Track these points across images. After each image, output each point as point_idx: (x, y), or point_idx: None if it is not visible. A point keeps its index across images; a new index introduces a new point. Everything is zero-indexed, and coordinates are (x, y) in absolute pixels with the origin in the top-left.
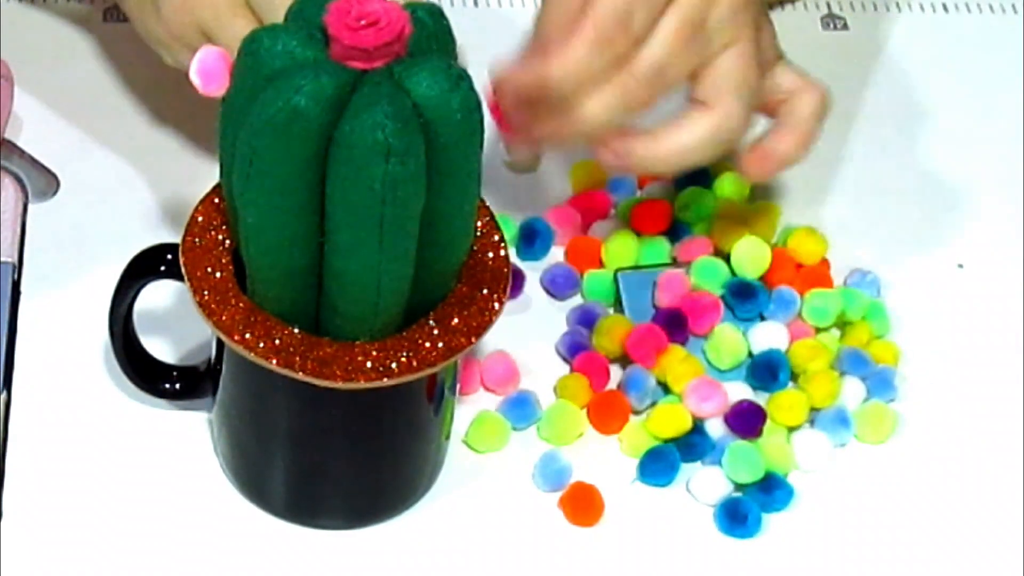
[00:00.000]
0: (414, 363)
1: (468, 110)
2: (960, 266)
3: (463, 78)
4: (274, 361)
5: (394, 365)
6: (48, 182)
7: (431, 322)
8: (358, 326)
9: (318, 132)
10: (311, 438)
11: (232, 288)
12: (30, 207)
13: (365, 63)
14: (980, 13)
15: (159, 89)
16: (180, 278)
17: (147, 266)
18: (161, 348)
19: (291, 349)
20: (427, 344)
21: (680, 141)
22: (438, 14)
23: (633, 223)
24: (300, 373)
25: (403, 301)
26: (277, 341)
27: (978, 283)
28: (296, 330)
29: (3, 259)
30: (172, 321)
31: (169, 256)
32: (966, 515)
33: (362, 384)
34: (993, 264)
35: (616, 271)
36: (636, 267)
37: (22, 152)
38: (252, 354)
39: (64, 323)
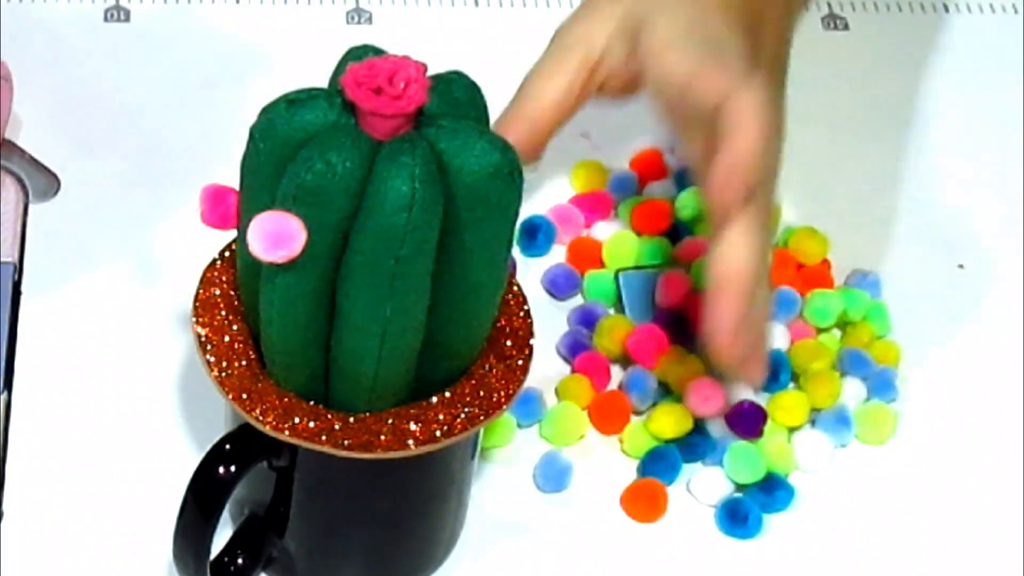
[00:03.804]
0: (439, 432)
1: (507, 178)
2: (960, 266)
3: (506, 147)
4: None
5: (436, 433)
6: (48, 182)
7: (464, 390)
8: (357, 395)
9: (347, 195)
10: (326, 506)
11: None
12: (30, 207)
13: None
14: (980, 13)
15: (160, 89)
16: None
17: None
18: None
19: (336, 426)
20: (460, 413)
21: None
22: (475, 89)
23: (634, 223)
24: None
25: (410, 369)
26: (312, 423)
27: (978, 283)
28: (322, 407)
29: (3, 259)
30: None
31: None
32: (966, 515)
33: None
34: (993, 264)
35: (617, 271)
36: (637, 267)
37: (22, 152)
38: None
39: (64, 323)
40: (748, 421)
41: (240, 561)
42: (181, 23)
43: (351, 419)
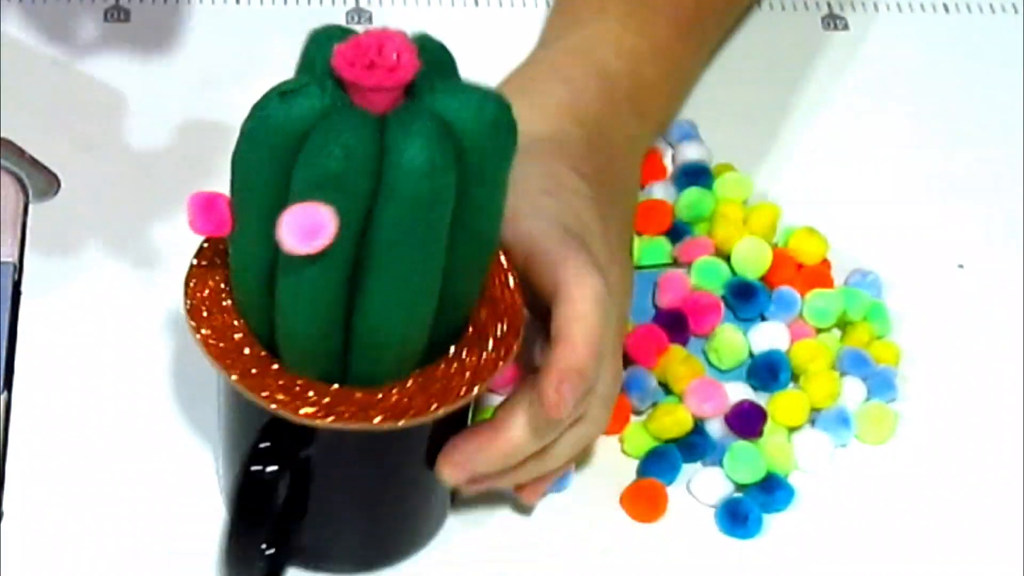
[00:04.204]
0: (434, 402)
1: (507, 127)
2: (960, 266)
3: (500, 97)
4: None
5: (460, 391)
6: (48, 182)
7: (454, 360)
8: (380, 369)
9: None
10: (322, 481)
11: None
12: (30, 207)
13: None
14: (980, 13)
15: (159, 89)
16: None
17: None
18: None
19: (369, 401)
20: (453, 382)
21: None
22: (444, 49)
23: (634, 223)
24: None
25: (426, 332)
26: (322, 398)
27: (978, 283)
28: (350, 387)
29: (3, 259)
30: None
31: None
32: (966, 515)
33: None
34: (993, 264)
35: None
36: (637, 267)
37: (22, 152)
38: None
39: (64, 323)
40: (748, 421)
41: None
42: (181, 23)
43: (380, 393)
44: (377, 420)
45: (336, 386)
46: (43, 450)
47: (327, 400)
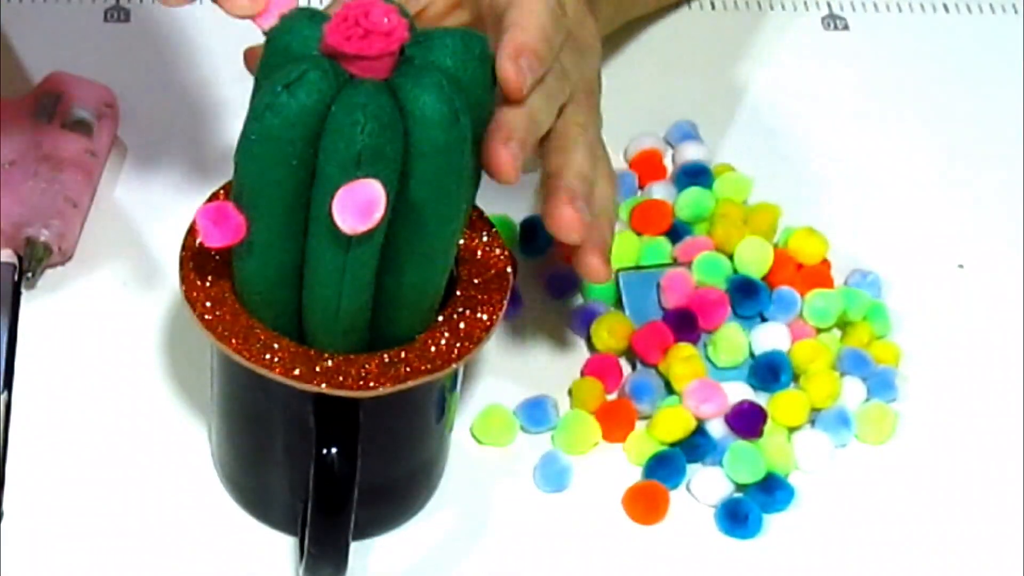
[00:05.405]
0: (426, 366)
1: (490, 59)
2: (960, 266)
3: (477, 33)
4: (313, 379)
5: (477, 334)
6: None
7: (443, 324)
8: (414, 324)
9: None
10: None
11: (241, 313)
12: None
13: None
14: (980, 13)
15: (159, 89)
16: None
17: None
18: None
19: (412, 359)
20: (440, 346)
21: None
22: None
23: (634, 224)
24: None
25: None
26: (316, 367)
27: (978, 283)
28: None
29: (3, 259)
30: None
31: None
32: (966, 515)
33: (377, 391)
34: (993, 264)
35: (617, 271)
36: (637, 267)
37: None
38: (291, 380)
39: (64, 323)
40: (748, 421)
41: None
42: (181, 23)
43: (416, 348)
44: (427, 374)
45: (374, 353)
46: (43, 450)
47: (378, 369)
